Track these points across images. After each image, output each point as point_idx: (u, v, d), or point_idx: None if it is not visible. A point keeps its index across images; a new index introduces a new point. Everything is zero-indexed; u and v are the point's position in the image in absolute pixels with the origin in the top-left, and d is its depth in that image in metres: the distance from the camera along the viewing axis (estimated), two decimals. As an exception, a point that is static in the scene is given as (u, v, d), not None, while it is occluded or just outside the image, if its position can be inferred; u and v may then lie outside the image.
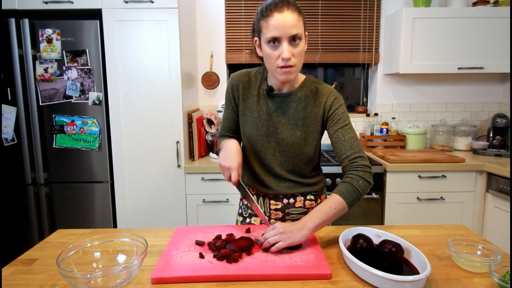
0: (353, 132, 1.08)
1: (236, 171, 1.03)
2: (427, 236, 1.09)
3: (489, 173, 2.14)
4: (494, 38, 2.34)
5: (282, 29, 0.94)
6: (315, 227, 0.95)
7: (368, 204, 2.21)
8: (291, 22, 0.94)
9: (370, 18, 2.66)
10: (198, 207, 2.22)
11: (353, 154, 1.04)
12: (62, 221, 2.19)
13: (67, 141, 2.11)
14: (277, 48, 0.97)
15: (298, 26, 0.96)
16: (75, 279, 0.77)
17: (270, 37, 0.96)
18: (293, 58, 0.98)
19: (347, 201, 0.98)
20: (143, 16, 2.04)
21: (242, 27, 2.64)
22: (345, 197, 0.98)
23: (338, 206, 0.97)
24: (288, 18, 0.94)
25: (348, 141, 1.05)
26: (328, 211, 0.96)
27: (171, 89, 2.11)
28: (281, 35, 0.95)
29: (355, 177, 1.01)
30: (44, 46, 2.02)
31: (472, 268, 0.86)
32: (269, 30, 0.95)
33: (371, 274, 0.78)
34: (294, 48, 0.97)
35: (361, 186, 1.00)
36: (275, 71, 1.01)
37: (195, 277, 0.83)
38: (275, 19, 0.94)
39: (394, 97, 2.76)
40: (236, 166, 1.03)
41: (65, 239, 1.10)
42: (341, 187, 1.00)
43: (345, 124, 1.08)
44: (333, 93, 1.11)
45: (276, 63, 0.99)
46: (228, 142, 1.12)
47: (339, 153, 1.07)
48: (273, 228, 0.95)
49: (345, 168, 1.05)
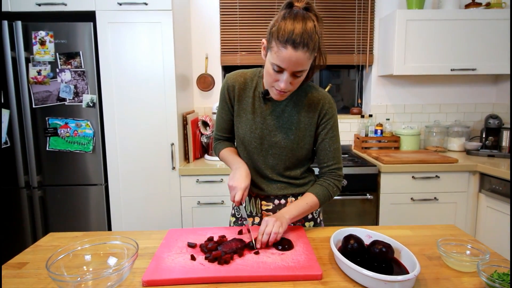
0: (338, 142, 1.16)
1: (241, 191, 1.04)
2: (418, 236, 1.09)
3: (482, 174, 2.16)
4: (486, 40, 2.36)
5: (288, 64, 0.93)
6: (292, 218, 1.07)
7: (363, 205, 2.22)
8: (300, 62, 0.93)
9: (364, 20, 2.68)
10: (193, 209, 2.22)
11: (334, 165, 1.16)
12: (56, 224, 2.18)
13: (61, 144, 2.10)
14: (279, 74, 0.97)
15: (306, 64, 0.95)
16: (65, 282, 0.77)
17: (275, 64, 0.95)
18: (289, 86, 0.99)
19: (320, 203, 1.13)
20: (137, 18, 2.04)
21: (237, 29, 2.65)
22: (320, 199, 1.13)
23: (313, 206, 1.12)
24: (299, 58, 0.92)
25: (332, 152, 1.15)
26: (304, 207, 1.10)
27: (166, 91, 2.11)
28: (286, 68, 0.95)
29: (331, 184, 1.15)
30: (37, 48, 2.02)
31: (461, 268, 0.87)
32: (278, 57, 0.93)
33: (361, 275, 0.79)
34: (295, 79, 0.98)
35: (334, 193, 1.16)
36: (270, 87, 1.04)
37: (186, 279, 0.83)
38: (287, 54, 0.91)
39: (388, 99, 2.78)
40: (243, 187, 1.05)
41: (56, 242, 1.09)
42: (319, 191, 1.13)
43: (333, 134, 1.14)
44: (328, 100, 1.13)
45: (274, 83, 1.00)
46: (239, 163, 1.13)
47: (321, 161, 1.17)
48: (266, 223, 1.00)
49: (323, 174, 1.18)
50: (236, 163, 1.14)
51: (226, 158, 1.21)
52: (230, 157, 1.19)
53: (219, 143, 1.27)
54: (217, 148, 1.27)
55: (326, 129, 1.13)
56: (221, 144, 1.27)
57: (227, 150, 1.23)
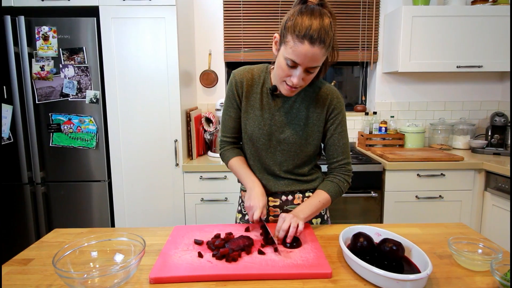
0: (347, 137, 1.16)
1: (260, 210, 1.03)
2: (427, 235, 1.08)
3: (487, 172, 2.14)
4: (493, 37, 2.34)
5: (304, 59, 0.92)
6: (307, 217, 1.06)
7: (367, 202, 2.21)
8: (316, 57, 0.92)
9: (369, 17, 2.65)
10: (197, 206, 2.21)
11: (343, 160, 1.15)
12: (59, 221, 2.17)
13: (64, 140, 2.09)
14: (292, 69, 0.96)
15: (320, 60, 0.94)
16: (72, 279, 0.76)
17: (290, 59, 0.94)
18: (301, 82, 0.98)
19: (332, 199, 1.13)
20: (141, 13, 2.02)
21: (241, 25, 2.63)
22: (332, 196, 1.13)
23: (325, 202, 1.12)
24: (316, 54, 0.90)
25: (341, 147, 1.14)
26: (317, 205, 1.10)
27: (169, 88, 2.10)
28: (301, 64, 0.93)
29: (342, 179, 1.14)
30: (40, 44, 2.00)
31: (473, 267, 0.86)
32: (293, 52, 0.92)
33: (372, 273, 0.78)
34: (307, 75, 0.97)
35: (345, 188, 1.15)
36: (280, 82, 1.02)
37: (194, 277, 0.82)
38: (303, 49, 0.90)
39: (393, 96, 2.75)
40: (261, 206, 1.04)
41: (61, 238, 1.08)
42: (330, 187, 1.13)
43: (342, 129, 1.14)
44: (336, 95, 1.12)
45: (285, 78, 0.99)
46: (253, 182, 1.11)
47: (330, 156, 1.17)
48: (283, 219, 1.00)
49: (333, 169, 1.17)
50: (250, 182, 1.12)
51: (238, 172, 1.17)
52: (242, 172, 1.16)
53: (227, 150, 1.22)
54: (225, 156, 1.22)
55: (335, 124, 1.12)
56: (229, 151, 1.22)
57: (237, 161, 1.19)
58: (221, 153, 1.25)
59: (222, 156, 1.24)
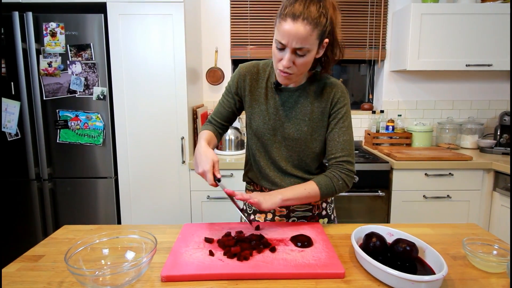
0: (349, 134, 1.09)
1: (210, 173, 0.97)
2: (439, 235, 1.07)
3: (496, 172, 2.12)
4: (503, 35, 2.31)
5: (288, 38, 0.91)
6: (285, 200, 1.01)
7: (374, 201, 2.20)
8: (300, 35, 0.89)
9: (377, 14, 2.62)
10: (203, 204, 2.20)
11: (342, 157, 1.07)
12: (65, 217, 2.18)
13: (71, 136, 2.10)
14: (282, 52, 0.95)
15: (306, 40, 0.91)
16: (84, 276, 0.75)
17: (277, 41, 0.94)
18: (293, 67, 0.96)
19: (321, 193, 1.05)
20: (148, 10, 2.01)
21: (248, 22, 2.61)
22: (321, 189, 1.05)
23: (312, 194, 1.05)
24: (299, 31, 0.89)
25: (341, 143, 1.08)
26: (302, 193, 1.04)
27: (176, 85, 2.09)
28: (286, 44, 0.92)
29: (337, 176, 1.06)
30: (48, 40, 2.00)
31: (488, 268, 0.84)
32: (279, 33, 0.92)
33: (386, 274, 0.77)
34: (298, 58, 0.95)
35: (339, 186, 1.07)
36: (276, 70, 1.02)
37: (206, 275, 0.81)
38: (287, 26, 0.90)
39: (400, 94, 2.73)
40: (208, 168, 0.98)
41: (71, 235, 1.08)
42: (322, 180, 1.06)
43: (343, 125, 1.09)
44: (340, 89, 1.10)
45: (277, 64, 0.98)
46: (199, 148, 1.05)
47: (329, 152, 1.10)
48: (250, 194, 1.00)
49: (330, 166, 1.10)
50: (197, 147, 1.05)
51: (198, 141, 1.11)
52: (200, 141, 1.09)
53: (206, 125, 1.21)
54: (201, 130, 1.19)
55: (337, 119, 1.09)
56: (206, 126, 1.20)
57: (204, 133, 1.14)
58: (202, 127, 1.24)
59: (201, 129, 1.20)
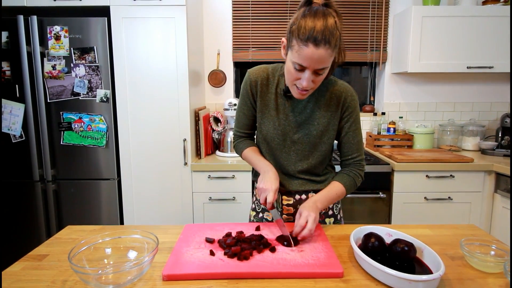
0: (360, 134, 1.16)
1: (273, 193, 1.03)
2: (438, 236, 1.08)
3: (497, 174, 2.12)
4: (504, 37, 2.31)
5: (310, 62, 0.91)
6: (322, 208, 1.09)
7: (375, 203, 2.20)
8: (322, 59, 0.91)
9: (378, 17, 2.64)
10: (205, 205, 2.22)
11: (358, 157, 1.17)
12: (69, 218, 2.20)
13: (75, 138, 2.12)
14: (300, 72, 0.96)
15: (328, 61, 0.93)
16: (87, 274, 0.77)
17: (297, 63, 0.94)
18: (311, 83, 0.97)
19: (346, 192, 1.15)
20: (151, 13, 2.03)
21: (249, 25, 2.63)
22: (347, 189, 1.15)
23: (340, 195, 1.14)
24: (321, 55, 0.90)
25: (356, 144, 1.15)
26: (334, 197, 1.12)
27: (178, 87, 2.11)
28: (308, 67, 0.93)
29: (357, 174, 1.16)
30: (52, 43, 2.03)
31: (485, 268, 0.85)
32: (299, 56, 0.92)
33: (384, 273, 0.78)
34: (317, 76, 0.97)
35: (359, 183, 1.18)
36: (291, 85, 1.02)
37: (206, 274, 0.82)
38: (309, 52, 0.89)
39: (401, 96, 2.74)
40: (274, 189, 1.03)
41: (75, 235, 1.10)
42: (346, 180, 1.14)
43: (356, 127, 1.15)
44: (350, 93, 1.12)
45: (294, 82, 0.99)
46: (267, 166, 1.11)
47: (345, 153, 1.18)
48: (299, 214, 1.01)
49: (348, 165, 1.18)
50: (264, 166, 1.12)
51: (251, 159, 1.19)
52: (255, 159, 1.17)
53: (240, 142, 1.25)
54: (238, 147, 1.25)
55: (349, 122, 1.13)
56: (242, 143, 1.24)
57: (251, 150, 1.20)
58: (234, 145, 1.27)
59: (236, 148, 1.26)
